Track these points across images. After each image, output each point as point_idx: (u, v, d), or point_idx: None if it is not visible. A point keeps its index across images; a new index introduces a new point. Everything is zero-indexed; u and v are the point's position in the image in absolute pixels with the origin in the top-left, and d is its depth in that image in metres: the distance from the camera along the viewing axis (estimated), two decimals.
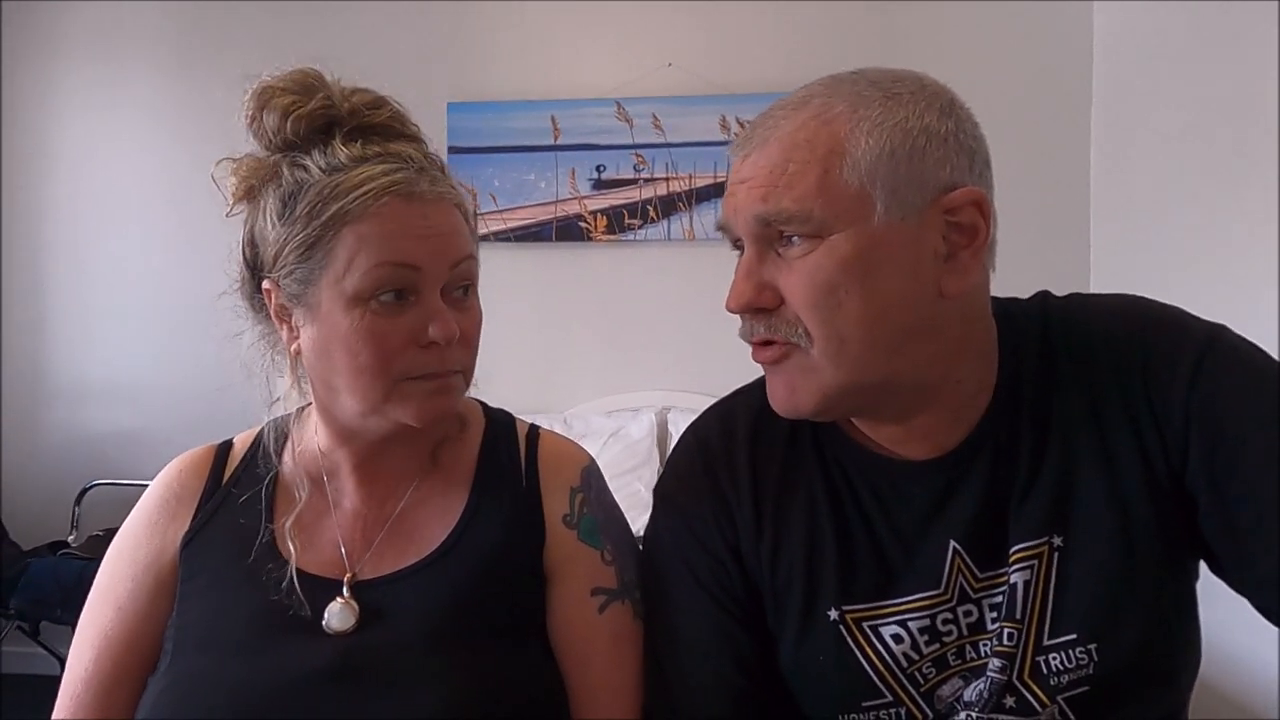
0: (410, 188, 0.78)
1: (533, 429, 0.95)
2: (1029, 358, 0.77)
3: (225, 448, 0.93)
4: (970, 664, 0.75)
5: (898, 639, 0.75)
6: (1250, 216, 2.18)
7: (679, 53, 3.06)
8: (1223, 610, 0.86)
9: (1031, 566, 0.73)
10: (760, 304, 0.72)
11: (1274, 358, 0.72)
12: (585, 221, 3.10)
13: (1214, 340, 0.72)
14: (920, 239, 0.70)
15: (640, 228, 3.08)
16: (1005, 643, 0.73)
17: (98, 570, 0.88)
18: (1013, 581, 0.73)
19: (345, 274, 0.77)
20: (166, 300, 3.16)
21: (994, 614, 0.74)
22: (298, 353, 0.83)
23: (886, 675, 0.75)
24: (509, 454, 0.91)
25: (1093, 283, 2.91)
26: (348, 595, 0.81)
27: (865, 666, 0.75)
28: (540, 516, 0.87)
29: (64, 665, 0.84)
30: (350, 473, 0.88)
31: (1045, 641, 0.72)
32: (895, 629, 0.75)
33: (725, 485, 0.82)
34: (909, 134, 0.69)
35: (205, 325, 1.15)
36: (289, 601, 0.80)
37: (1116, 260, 2.86)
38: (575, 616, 0.85)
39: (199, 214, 2.78)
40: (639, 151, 3.07)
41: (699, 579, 0.81)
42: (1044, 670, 0.72)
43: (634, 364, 3.13)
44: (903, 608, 0.75)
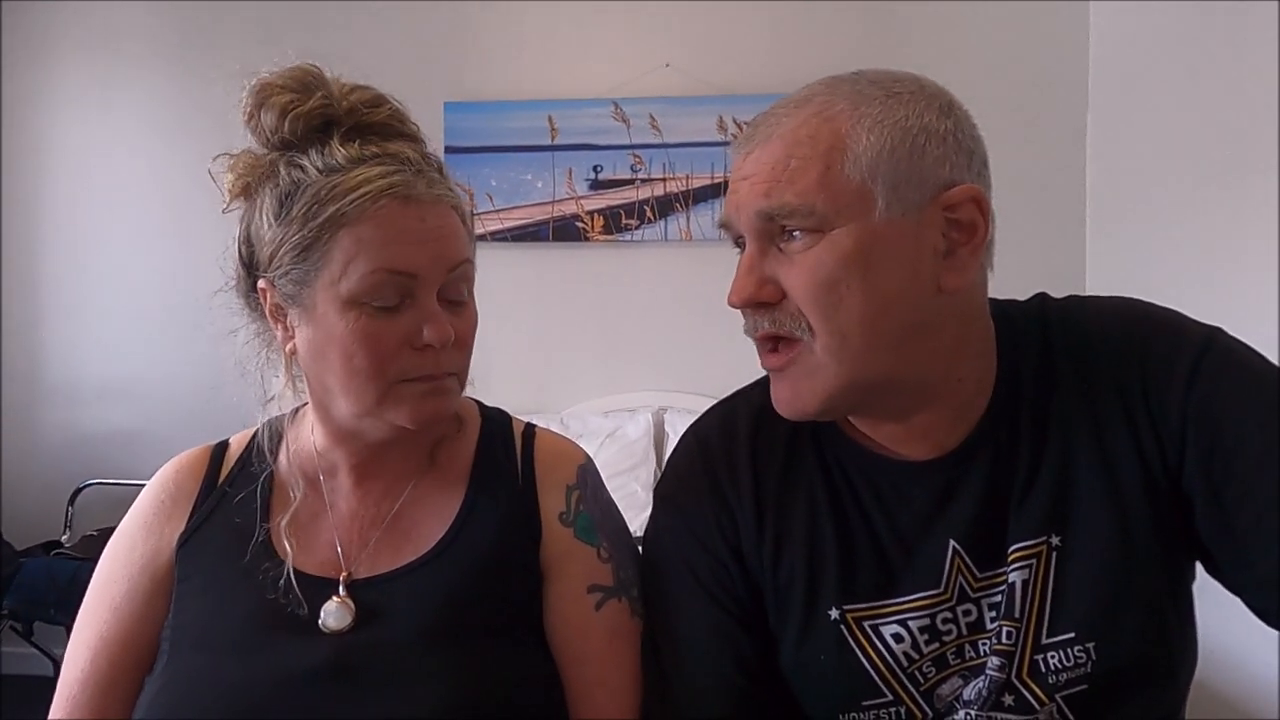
0: (407, 190, 0.78)
1: (529, 427, 0.95)
2: (1028, 358, 0.77)
3: (221, 448, 0.93)
4: (969, 663, 0.75)
5: (898, 638, 0.75)
6: (1247, 217, 2.18)
7: (676, 53, 3.06)
8: (1221, 610, 0.86)
9: (1030, 566, 0.73)
10: (762, 298, 0.73)
11: (1270, 361, 0.73)
12: (582, 222, 3.10)
13: (1211, 342, 0.73)
14: (920, 235, 0.70)
15: (637, 228, 3.08)
16: (1004, 641, 0.73)
17: (92, 571, 0.88)
18: (1011, 581, 0.73)
19: (341, 277, 0.77)
20: (162, 300, 3.15)
21: (993, 613, 0.75)
22: (293, 352, 0.83)
23: (887, 674, 0.75)
24: (505, 452, 0.91)
25: (1088, 284, 2.92)
26: (344, 594, 0.81)
27: (866, 666, 0.76)
28: (536, 514, 0.87)
29: (58, 666, 0.84)
30: (348, 472, 0.88)
31: (1043, 640, 0.73)
32: (896, 628, 0.75)
33: (726, 485, 0.82)
34: (909, 132, 0.69)
35: (201, 325, 1.15)
36: (285, 601, 0.80)
37: (1112, 261, 2.86)
38: (572, 614, 0.84)
39: (195, 213, 2.77)
40: (636, 152, 3.07)
41: (699, 579, 0.81)
42: (1042, 669, 0.73)
43: (631, 364, 3.13)
44: (903, 607, 0.75)
